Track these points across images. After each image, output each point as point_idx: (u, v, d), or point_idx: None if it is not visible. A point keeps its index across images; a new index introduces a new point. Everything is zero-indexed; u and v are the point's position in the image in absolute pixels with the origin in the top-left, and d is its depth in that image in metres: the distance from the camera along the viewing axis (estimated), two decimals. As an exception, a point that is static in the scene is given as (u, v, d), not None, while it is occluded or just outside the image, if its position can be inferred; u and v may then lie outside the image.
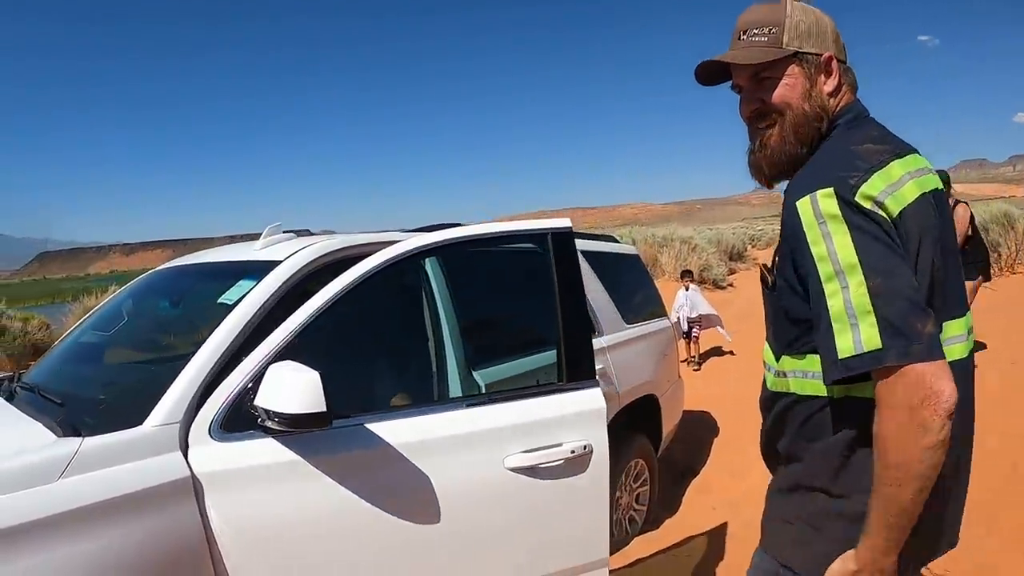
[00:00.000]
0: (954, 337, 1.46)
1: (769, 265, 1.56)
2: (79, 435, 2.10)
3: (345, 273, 2.52)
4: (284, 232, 3.21)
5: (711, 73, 1.63)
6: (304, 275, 2.67)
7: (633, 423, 4.31)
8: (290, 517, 2.21)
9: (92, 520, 1.93)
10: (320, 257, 2.77)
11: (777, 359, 1.58)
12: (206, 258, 3.49)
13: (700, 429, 6.36)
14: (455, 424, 2.44)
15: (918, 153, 1.50)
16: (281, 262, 2.68)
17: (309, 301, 2.44)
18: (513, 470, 2.43)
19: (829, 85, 1.53)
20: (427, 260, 2.93)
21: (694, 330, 9.45)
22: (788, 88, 1.52)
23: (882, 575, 1.34)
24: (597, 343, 3.99)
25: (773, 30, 1.52)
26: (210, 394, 2.24)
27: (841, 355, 1.29)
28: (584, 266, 4.26)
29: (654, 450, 4.58)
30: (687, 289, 9.58)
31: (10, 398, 2.75)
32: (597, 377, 2.98)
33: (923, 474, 1.26)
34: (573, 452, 2.48)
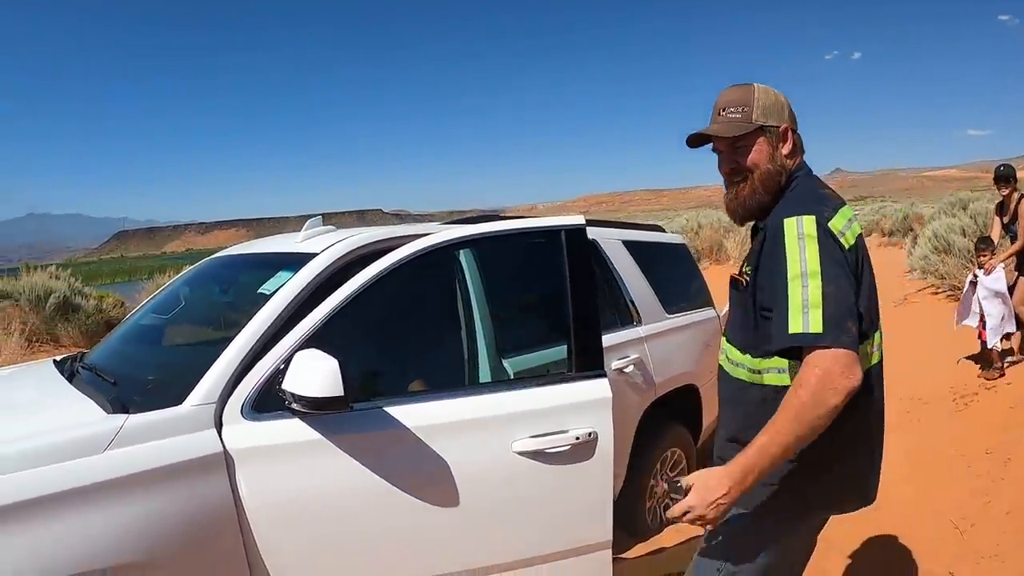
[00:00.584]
0: (876, 345, 1.96)
1: (739, 273, 2.01)
2: (126, 412, 2.32)
3: (371, 266, 2.68)
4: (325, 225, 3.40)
5: (697, 139, 2.05)
6: (339, 267, 2.82)
7: (671, 413, 4.35)
8: (312, 490, 2.39)
9: (132, 488, 2.13)
10: (355, 250, 2.93)
11: (745, 354, 1.97)
12: (255, 248, 3.70)
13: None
14: (466, 409, 2.59)
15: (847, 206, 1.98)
16: (317, 255, 2.86)
17: (336, 291, 2.60)
18: (520, 454, 2.57)
19: (786, 149, 1.99)
20: (460, 252, 3.08)
21: None
22: (757, 153, 1.97)
23: (740, 489, 1.67)
24: (634, 332, 4.04)
25: (745, 109, 1.97)
26: (243, 377, 2.43)
27: (791, 331, 1.70)
28: (626, 256, 4.31)
29: (694, 440, 4.60)
30: None
31: (71, 377, 3.00)
32: (623, 366, 3.09)
33: (812, 424, 1.64)
34: (578, 439, 2.60)
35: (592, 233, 4.13)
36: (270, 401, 2.40)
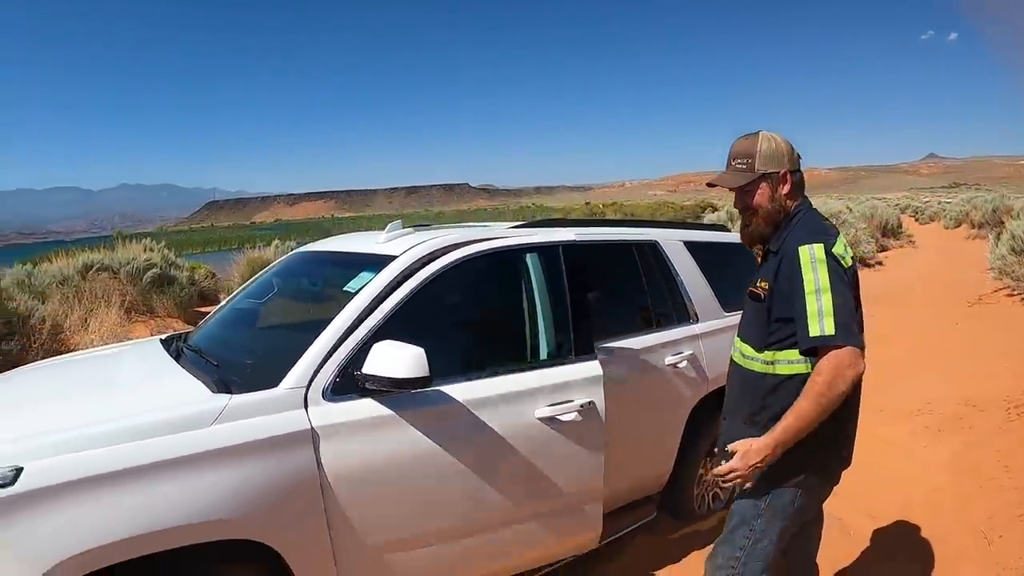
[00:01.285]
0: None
1: (756, 286, 2.52)
2: (229, 392, 2.75)
3: (429, 265, 3.21)
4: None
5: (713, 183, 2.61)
6: (416, 269, 3.19)
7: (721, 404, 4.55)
8: (380, 458, 2.85)
9: (233, 457, 2.54)
10: (431, 253, 3.28)
11: (760, 351, 2.50)
12: (341, 245, 4.09)
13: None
14: (500, 386, 3.19)
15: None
16: (397, 257, 3.24)
17: (401, 288, 3.09)
18: (540, 419, 3.21)
19: (785, 190, 2.49)
20: (525, 255, 3.55)
21: None
22: (760, 196, 2.49)
23: (772, 458, 2.30)
24: (690, 330, 4.26)
25: (749, 160, 2.48)
26: (324, 365, 2.85)
27: (811, 334, 2.23)
28: (686, 256, 4.51)
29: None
30: None
31: (177, 356, 3.46)
32: (676, 361, 3.96)
33: (826, 407, 2.21)
34: (581, 406, 3.28)
35: (654, 235, 4.40)
36: (346, 385, 2.83)
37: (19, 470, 2.21)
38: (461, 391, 3.07)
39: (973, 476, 4.64)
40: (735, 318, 4.61)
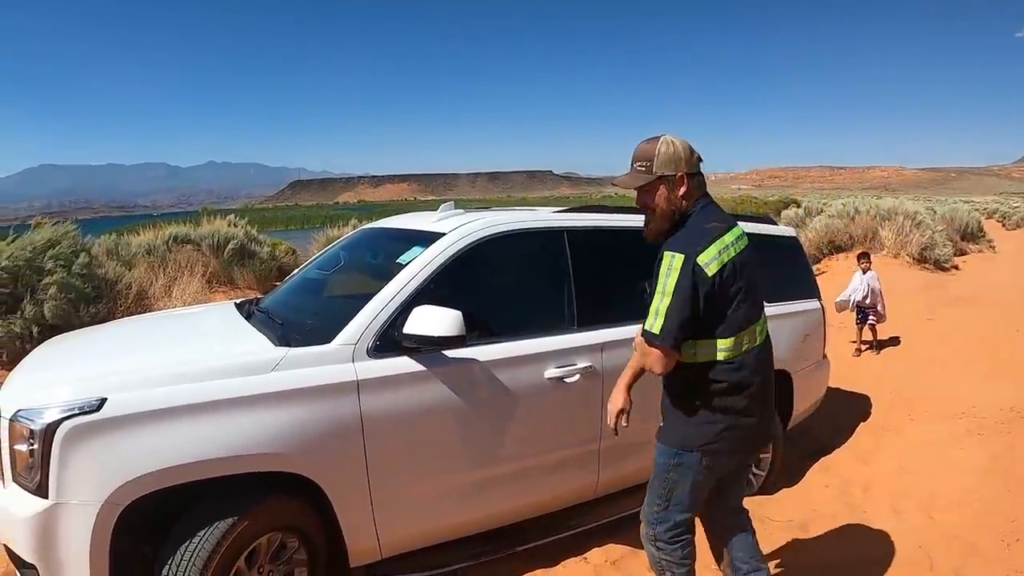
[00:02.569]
0: (757, 333, 2.78)
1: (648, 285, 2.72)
2: (289, 345, 3.12)
3: (462, 240, 3.54)
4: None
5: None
6: (462, 246, 3.53)
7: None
8: (414, 408, 3.21)
9: (287, 401, 2.91)
10: (476, 231, 3.61)
11: None
12: (401, 223, 4.41)
13: (846, 411, 6.45)
14: (517, 349, 3.54)
15: (737, 225, 2.79)
16: (445, 235, 3.56)
17: (439, 259, 3.43)
18: (549, 379, 3.58)
19: (682, 191, 2.72)
20: (559, 236, 3.87)
21: (870, 317, 9.02)
22: (658, 197, 2.73)
23: (615, 401, 2.80)
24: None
25: (648, 163, 2.71)
26: (371, 326, 3.19)
27: (645, 327, 2.61)
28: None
29: (783, 425, 4.86)
30: (864, 272, 9.16)
31: (248, 316, 3.86)
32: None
33: (635, 377, 2.79)
34: (583, 368, 3.66)
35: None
36: (386, 344, 3.20)
37: (104, 400, 2.64)
38: (485, 352, 3.42)
39: (1003, 480, 4.61)
40: (775, 308, 4.72)
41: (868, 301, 9.00)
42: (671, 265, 2.56)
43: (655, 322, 2.56)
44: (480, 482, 3.46)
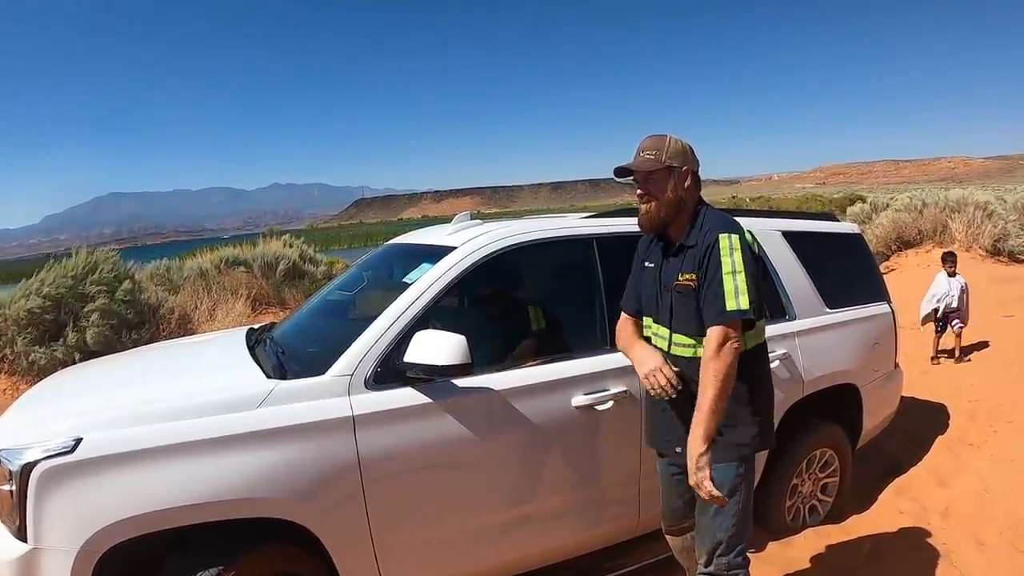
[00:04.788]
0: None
1: (688, 281, 2.64)
2: (283, 378, 2.84)
3: (471, 256, 3.19)
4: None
5: (621, 171, 2.75)
6: (476, 260, 3.18)
7: (824, 411, 4.21)
8: (419, 446, 2.87)
9: (275, 439, 2.63)
10: (490, 244, 3.25)
11: (697, 338, 2.66)
12: (417, 237, 4.12)
13: (923, 425, 5.84)
14: (537, 375, 3.16)
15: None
16: (455, 248, 3.23)
17: (443, 278, 3.09)
18: (577, 407, 3.18)
19: (686, 183, 2.71)
20: (587, 244, 3.51)
21: (955, 323, 8.18)
22: (663, 185, 2.70)
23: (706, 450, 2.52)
24: (785, 327, 3.95)
25: (657, 152, 2.69)
26: (369, 354, 2.88)
27: (728, 309, 2.50)
28: (783, 247, 4.20)
29: (850, 442, 4.41)
30: (952, 276, 8.28)
31: (254, 346, 3.57)
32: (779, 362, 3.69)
33: (728, 384, 2.54)
34: (617, 394, 3.25)
35: (748, 224, 4.09)
36: (387, 374, 2.87)
37: (79, 440, 2.45)
38: (500, 380, 3.05)
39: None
40: (838, 315, 4.32)
41: (956, 307, 8.16)
42: (731, 245, 2.56)
43: (740, 299, 2.50)
44: (499, 525, 3.11)
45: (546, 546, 3.29)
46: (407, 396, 2.85)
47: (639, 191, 2.75)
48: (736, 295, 2.51)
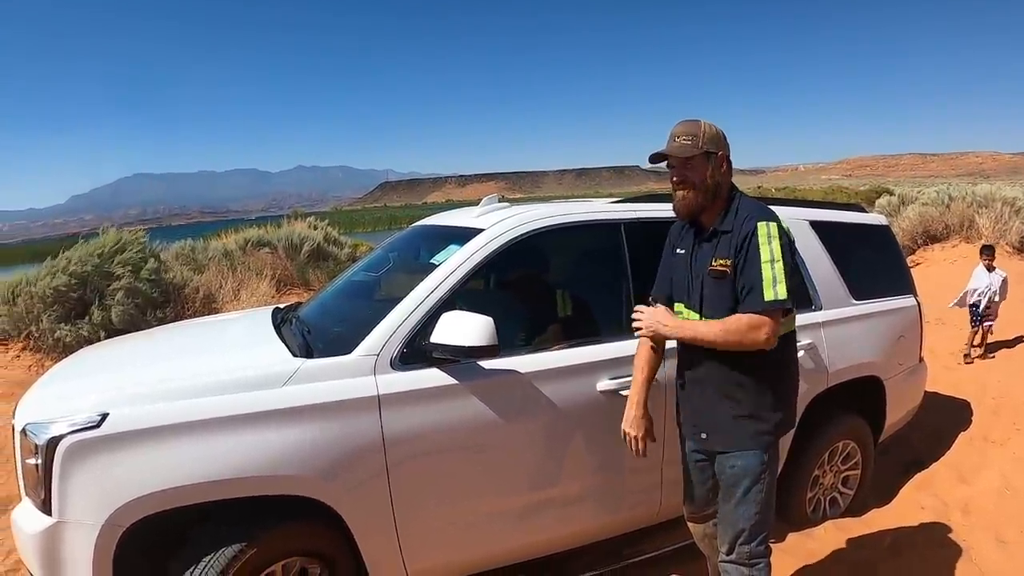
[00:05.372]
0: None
1: (723, 267, 2.61)
2: (309, 356, 2.85)
3: (498, 239, 3.18)
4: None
5: (657, 156, 2.72)
6: (503, 242, 3.18)
7: (847, 403, 4.18)
8: (444, 427, 2.88)
9: (301, 416, 2.65)
10: (518, 226, 3.25)
11: None
12: (443, 219, 4.12)
13: (947, 420, 5.79)
14: (563, 359, 3.17)
15: None
16: (483, 231, 3.22)
17: (471, 260, 3.09)
18: (602, 392, 3.18)
19: (723, 169, 2.69)
20: (615, 229, 3.49)
21: (987, 320, 7.96)
22: (701, 171, 2.66)
23: (664, 328, 2.72)
24: (811, 317, 3.92)
25: (694, 138, 2.65)
26: (395, 334, 2.88)
27: (767, 298, 2.48)
28: (811, 237, 4.16)
29: (873, 435, 4.38)
30: (991, 270, 7.99)
31: (280, 325, 3.58)
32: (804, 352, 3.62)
33: (727, 344, 2.58)
34: None
35: (776, 212, 4.06)
36: (413, 354, 2.88)
37: (105, 415, 2.48)
38: (526, 363, 3.05)
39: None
40: (864, 306, 4.28)
41: (998, 300, 7.94)
42: (769, 233, 2.55)
43: (779, 288, 2.49)
44: (521, 509, 3.13)
45: (567, 530, 3.30)
46: (433, 377, 2.86)
47: (675, 177, 2.72)
48: (774, 284, 2.49)
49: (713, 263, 2.65)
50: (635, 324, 2.80)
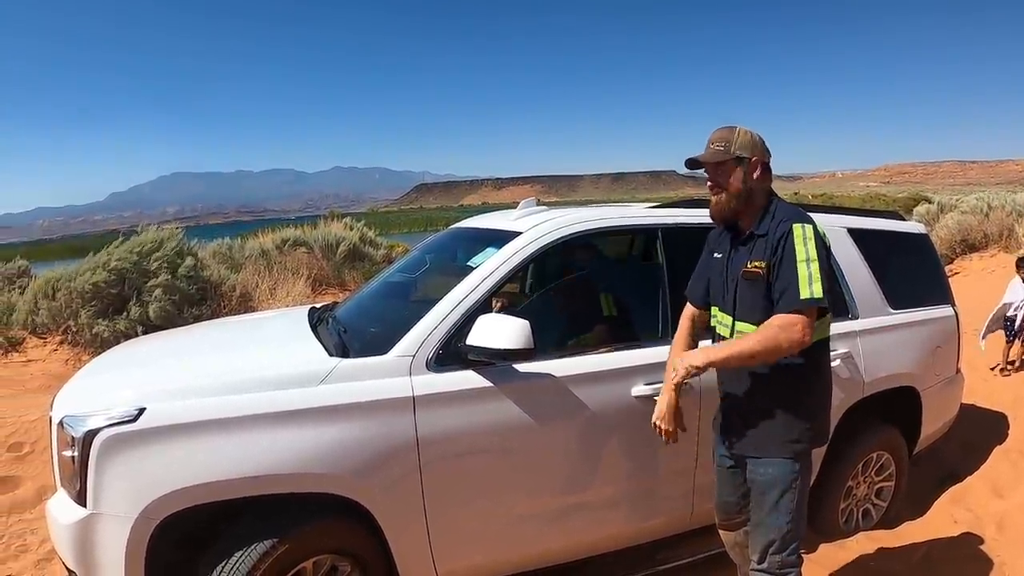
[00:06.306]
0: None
1: (756, 268, 2.63)
2: (345, 356, 2.89)
3: (536, 242, 3.21)
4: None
5: (692, 163, 2.76)
6: (541, 245, 3.21)
7: (882, 413, 4.14)
8: (478, 429, 2.91)
9: (337, 415, 2.68)
10: (556, 230, 3.28)
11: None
12: (481, 222, 4.14)
13: (983, 433, 5.67)
14: (599, 363, 3.18)
15: None
16: (521, 234, 3.25)
17: (508, 263, 3.12)
18: (637, 397, 3.17)
19: (756, 174, 2.70)
20: (652, 234, 3.54)
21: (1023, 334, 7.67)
22: (733, 176, 2.69)
23: (696, 369, 2.58)
24: (847, 326, 3.89)
25: (726, 144, 2.69)
26: (431, 335, 2.91)
27: (802, 296, 2.46)
28: (848, 245, 4.13)
29: (907, 447, 4.33)
30: None
31: (317, 324, 3.63)
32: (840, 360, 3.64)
33: (767, 356, 2.53)
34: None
35: (814, 219, 4.05)
36: (448, 356, 2.91)
37: (142, 410, 2.52)
38: (561, 366, 3.06)
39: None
40: (902, 316, 4.24)
41: None
42: (805, 235, 2.56)
43: (814, 287, 2.48)
44: (552, 512, 3.14)
45: (598, 535, 3.31)
46: (468, 379, 2.89)
47: (709, 182, 2.76)
48: (810, 283, 2.49)
49: (748, 265, 2.68)
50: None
